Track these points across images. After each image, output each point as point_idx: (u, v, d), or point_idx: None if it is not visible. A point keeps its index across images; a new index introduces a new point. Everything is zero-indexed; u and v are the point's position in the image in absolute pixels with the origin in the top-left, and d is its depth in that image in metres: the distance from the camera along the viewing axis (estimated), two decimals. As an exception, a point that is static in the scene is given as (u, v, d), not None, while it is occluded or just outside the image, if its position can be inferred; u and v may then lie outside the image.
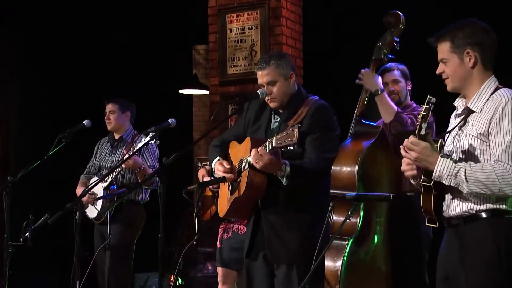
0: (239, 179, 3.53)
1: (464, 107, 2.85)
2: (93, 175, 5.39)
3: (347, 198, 3.15)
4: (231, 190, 3.62)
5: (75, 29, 7.86)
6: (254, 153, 3.30)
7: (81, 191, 5.09)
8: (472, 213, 2.74)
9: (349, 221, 3.95)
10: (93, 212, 5.11)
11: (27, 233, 3.92)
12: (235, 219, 4.20)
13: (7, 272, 4.03)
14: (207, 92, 7.62)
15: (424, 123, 2.66)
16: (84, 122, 4.68)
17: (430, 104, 2.65)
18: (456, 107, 2.93)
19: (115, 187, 5.06)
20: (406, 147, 2.74)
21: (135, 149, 4.69)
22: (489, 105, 2.74)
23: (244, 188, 3.44)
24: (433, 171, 2.72)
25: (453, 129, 2.87)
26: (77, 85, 7.89)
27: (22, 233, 3.96)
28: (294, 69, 3.60)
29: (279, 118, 3.58)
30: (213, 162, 3.70)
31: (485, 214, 2.72)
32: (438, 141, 2.75)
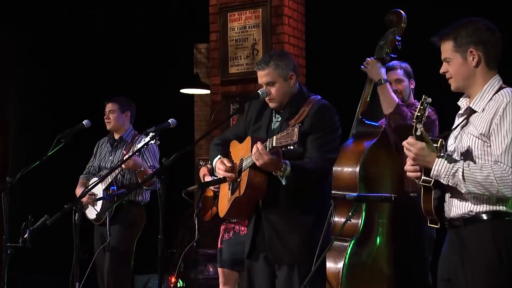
0: (239, 179, 3.54)
1: (466, 106, 2.85)
2: (93, 176, 5.38)
3: (348, 199, 3.16)
4: (231, 190, 3.63)
5: (74, 29, 7.86)
6: (255, 151, 3.31)
7: (80, 192, 5.09)
8: (472, 214, 2.74)
9: (351, 222, 3.96)
10: (92, 213, 5.11)
11: (26, 235, 3.90)
12: (236, 219, 4.21)
13: (6, 273, 4.04)
14: (208, 91, 7.62)
15: (419, 123, 2.65)
16: (83, 122, 4.71)
17: (425, 104, 2.64)
18: (460, 107, 2.93)
19: (115, 187, 5.07)
20: (405, 147, 2.76)
21: (135, 149, 4.70)
22: (491, 105, 2.74)
23: (244, 188, 3.45)
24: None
25: (455, 129, 2.87)
26: (76, 84, 7.89)
27: (21, 235, 3.94)
28: (295, 69, 3.60)
29: (280, 117, 3.59)
30: (214, 160, 3.70)
31: (485, 216, 2.71)
32: (438, 141, 2.74)
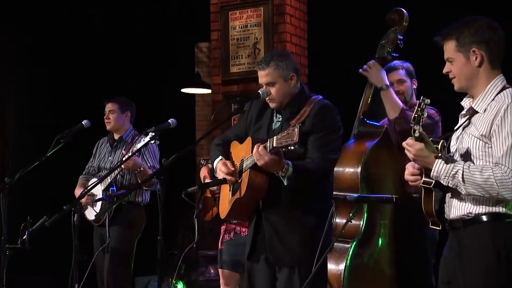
0: (240, 180, 3.55)
1: (469, 107, 2.85)
2: (92, 176, 5.39)
3: (349, 199, 3.17)
4: (232, 191, 3.64)
5: (74, 29, 7.87)
6: (255, 151, 3.33)
7: (79, 193, 5.10)
8: (471, 216, 2.74)
9: (353, 223, 3.99)
10: (92, 214, 5.12)
11: (25, 236, 3.90)
12: (237, 220, 4.23)
13: (5, 275, 4.05)
14: (209, 91, 7.63)
15: (417, 124, 2.65)
16: (83, 122, 4.71)
17: (423, 105, 2.64)
18: (463, 107, 2.93)
19: (114, 188, 5.08)
20: (405, 148, 2.77)
21: (134, 149, 4.71)
22: (492, 106, 2.73)
23: (245, 189, 3.46)
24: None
25: (458, 129, 2.87)
26: (76, 84, 7.91)
27: (20, 236, 3.95)
28: (296, 69, 3.61)
29: (281, 117, 3.61)
30: (215, 161, 3.71)
31: (484, 217, 2.72)
32: (439, 142, 2.75)
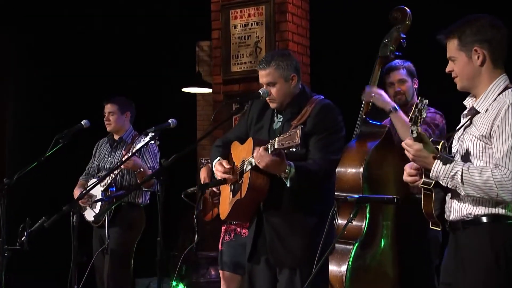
0: (241, 181, 3.56)
1: (470, 107, 2.85)
2: (92, 177, 5.39)
3: (349, 200, 3.18)
4: (232, 192, 3.66)
5: (74, 29, 7.88)
6: (255, 154, 3.34)
7: (78, 193, 5.10)
8: (470, 218, 2.74)
9: (355, 224, 4.00)
10: (91, 215, 5.13)
11: (23, 237, 3.91)
12: (237, 221, 4.24)
13: (4, 276, 4.06)
14: (211, 90, 7.64)
15: (414, 125, 2.65)
16: (82, 122, 4.72)
17: (420, 105, 2.63)
18: (466, 107, 2.92)
19: (114, 189, 5.08)
20: (404, 148, 2.78)
21: (134, 149, 4.73)
22: (494, 106, 2.73)
23: (246, 190, 3.47)
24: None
25: (459, 130, 2.88)
26: (76, 85, 7.91)
27: (18, 237, 3.96)
28: (297, 69, 3.61)
29: (282, 118, 3.61)
30: (214, 162, 3.74)
31: (485, 219, 2.72)
32: (439, 142, 2.75)
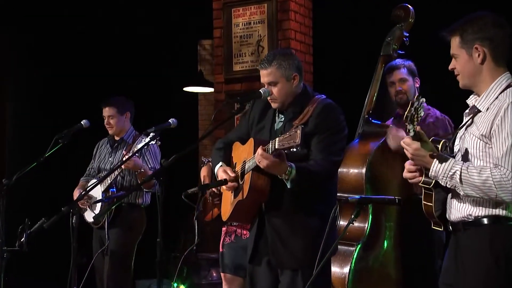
0: (242, 182, 3.57)
1: (472, 105, 2.85)
2: (93, 178, 5.39)
3: (350, 201, 3.19)
4: (234, 193, 3.66)
5: (74, 27, 7.90)
6: (256, 154, 3.35)
7: (78, 194, 5.11)
8: (471, 219, 2.75)
9: (357, 226, 4.01)
10: (91, 216, 5.13)
11: (23, 238, 3.93)
12: (238, 223, 4.25)
13: (2, 278, 4.07)
14: (212, 89, 7.65)
15: (409, 124, 2.65)
16: (82, 122, 4.71)
17: (416, 104, 2.63)
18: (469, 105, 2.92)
19: (114, 189, 5.08)
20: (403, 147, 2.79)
21: (135, 150, 4.75)
22: (495, 105, 2.73)
23: (247, 190, 3.48)
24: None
25: (461, 129, 2.88)
26: (76, 84, 7.92)
27: (18, 238, 3.98)
28: (299, 69, 3.61)
29: (284, 117, 3.62)
30: (216, 167, 3.73)
31: (485, 220, 2.72)
32: (440, 141, 2.76)
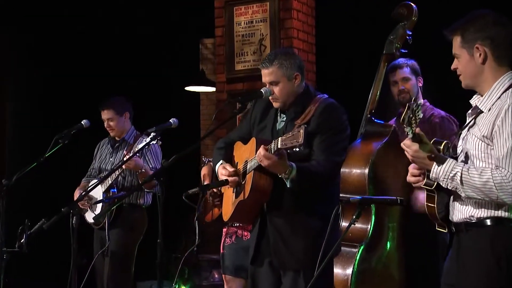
0: (243, 182, 3.58)
1: (475, 105, 2.84)
2: (94, 178, 5.38)
3: (352, 202, 3.19)
4: (235, 193, 3.67)
5: (74, 27, 7.91)
6: (258, 153, 3.36)
7: (78, 194, 5.10)
8: (473, 220, 2.75)
9: (360, 227, 4.01)
10: (91, 216, 5.10)
11: (22, 239, 3.94)
12: (240, 223, 4.26)
13: (2, 279, 4.09)
14: (214, 89, 7.66)
15: (407, 126, 2.64)
16: (82, 122, 4.72)
17: (413, 106, 2.62)
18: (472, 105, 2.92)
19: (115, 190, 5.09)
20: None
21: (135, 150, 4.75)
22: (497, 105, 2.72)
23: (249, 190, 3.49)
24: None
25: (463, 130, 2.88)
26: (76, 84, 7.94)
27: (17, 239, 3.99)
28: (301, 68, 3.62)
29: (286, 117, 3.63)
30: (217, 166, 3.75)
31: (488, 221, 2.72)
32: (442, 142, 2.76)
